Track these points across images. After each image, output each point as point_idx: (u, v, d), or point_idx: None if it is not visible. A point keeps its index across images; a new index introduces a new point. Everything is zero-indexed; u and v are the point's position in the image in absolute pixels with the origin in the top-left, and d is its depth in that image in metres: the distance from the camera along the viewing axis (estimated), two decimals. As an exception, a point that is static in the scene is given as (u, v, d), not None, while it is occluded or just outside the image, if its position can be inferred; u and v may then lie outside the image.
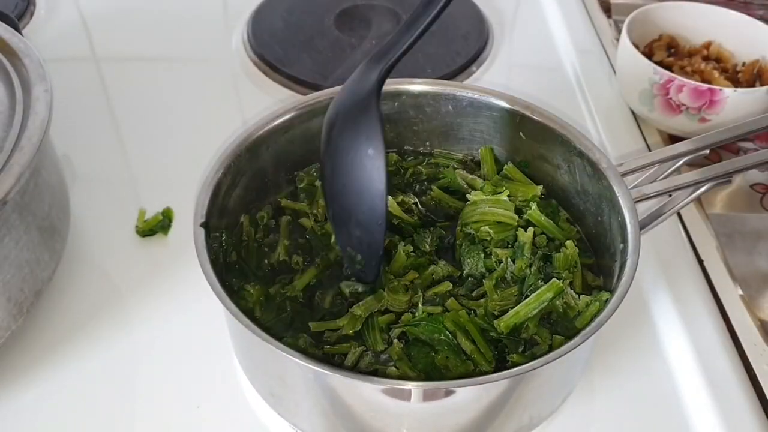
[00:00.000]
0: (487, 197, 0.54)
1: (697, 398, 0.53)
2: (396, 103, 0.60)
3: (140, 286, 0.60)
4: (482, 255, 0.52)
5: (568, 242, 0.52)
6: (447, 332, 0.47)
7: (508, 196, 0.54)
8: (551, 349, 0.47)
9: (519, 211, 0.54)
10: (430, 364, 0.46)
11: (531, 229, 0.53)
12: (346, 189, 0.48)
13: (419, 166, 0.61)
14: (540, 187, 0.56)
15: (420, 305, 0.49)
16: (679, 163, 0.55)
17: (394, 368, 0.46)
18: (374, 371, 0.46)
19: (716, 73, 0.72)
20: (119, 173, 0.71)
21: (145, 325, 0.58)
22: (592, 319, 0.47)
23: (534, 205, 0.55)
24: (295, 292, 0.51)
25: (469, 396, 0.42)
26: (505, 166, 0.58)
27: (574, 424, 0.52)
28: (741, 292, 0.60)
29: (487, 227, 0.52)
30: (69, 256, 0.61)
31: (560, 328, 0.49)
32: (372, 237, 0.48)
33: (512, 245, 0.53)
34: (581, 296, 0.50)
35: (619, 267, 0.49)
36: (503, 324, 0.47)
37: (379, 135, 0.46)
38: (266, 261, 0.53)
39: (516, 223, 0.53)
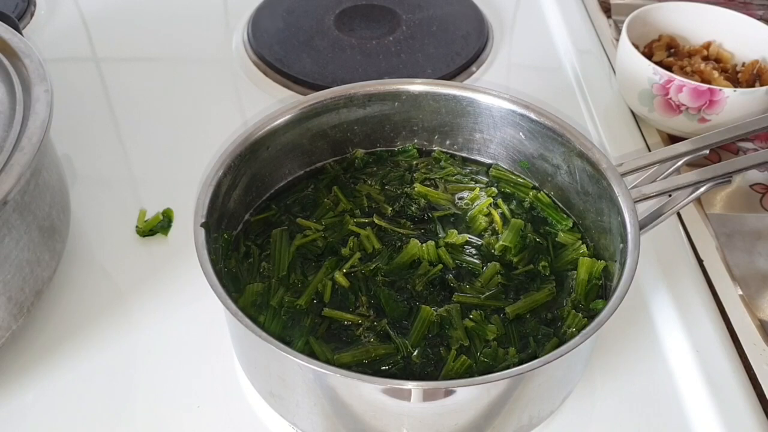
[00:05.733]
0: None
1: (696, 398, 0.53)
2: (396, 103, 0.60)
3: (140, 286, 0.60)
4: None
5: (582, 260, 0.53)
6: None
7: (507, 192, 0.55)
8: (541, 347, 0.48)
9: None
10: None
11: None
12: None
13: (414, 161, 0.61)
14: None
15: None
16: (679, 163, 0.55)
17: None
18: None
19: (716, 74, 0.72)
20: (119, 173, 0.71)
21: (145, 325, 0.58)
22: (591, 320, 0.47)
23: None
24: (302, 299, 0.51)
25: (469, 396, 0.42)
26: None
27: (574, 424, 0.52)
28: (741, 292, 0.60)
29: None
30: (69, 256, 0.61)
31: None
32: None
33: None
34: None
35: (619, 267, 0.49)
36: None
37: None
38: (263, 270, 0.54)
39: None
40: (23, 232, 0.51)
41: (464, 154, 0.62)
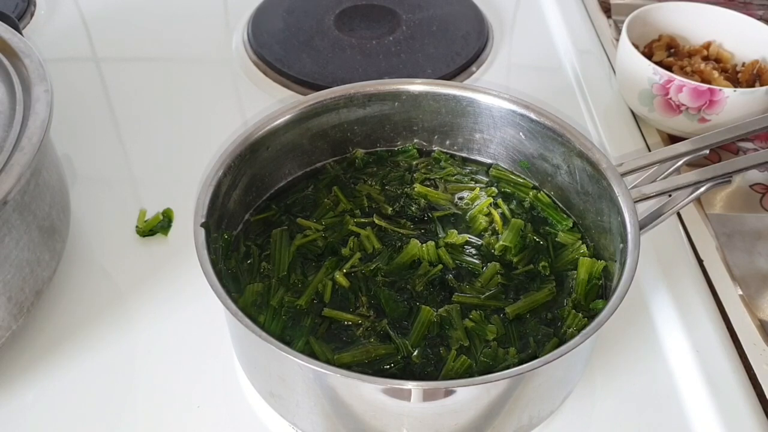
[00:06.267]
0: None
1: (696, 398, 0.53)
2: (396, 103, 0.60)
3: (140, 286, 0.60)
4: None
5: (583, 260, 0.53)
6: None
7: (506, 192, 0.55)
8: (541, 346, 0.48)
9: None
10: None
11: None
12: None
13: (414, 161, 0.61)
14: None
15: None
16: (679, 163, 0.55)
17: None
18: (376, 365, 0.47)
19: (716, 74, 0.72)
20: (119, 173, 0.71)
21: (145, 325, 0.58)
22: (591, 320, 0.47)
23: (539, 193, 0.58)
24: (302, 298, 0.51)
25: (469, 396, 0.43)
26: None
27: (574, 424, 0.52)
28: (741, 292, 0.60)
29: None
30: (69, 256, 0.61)
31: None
32: None
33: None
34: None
35: (618, 267, 0.49)
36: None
37: None
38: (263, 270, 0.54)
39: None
40: (23, 232, 0.51)
41: (464, 154, 0.62)
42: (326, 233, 0.55)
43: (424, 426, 0.44)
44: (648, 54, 0.76)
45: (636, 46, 0.73)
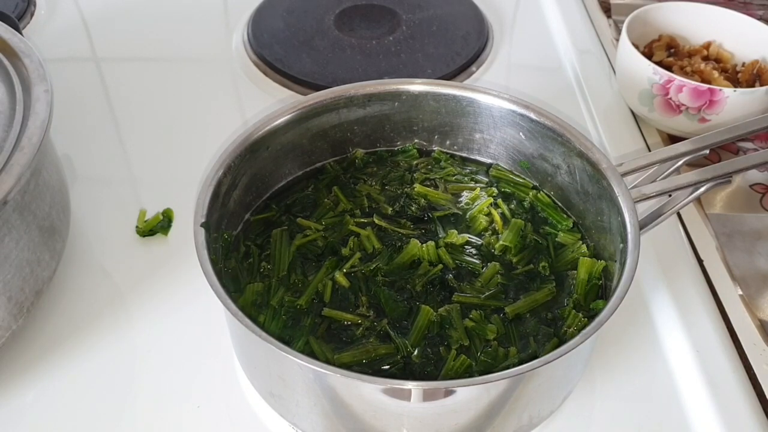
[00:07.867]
0: None
1: (696, 398, 0.53)
2: (396, 103, 0.60)
3: (140, 286, 0.60)
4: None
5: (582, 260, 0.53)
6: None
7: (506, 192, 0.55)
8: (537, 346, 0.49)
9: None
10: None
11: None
12: None
13: (414, 161, 0.61)
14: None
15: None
16: (679, 163, 0.55)
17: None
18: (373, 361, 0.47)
19: (716, 74, 0.72)
20: (119, 173, 0.71)
21: (145, 325, 0.58)
22: (591, 319, 0.47)
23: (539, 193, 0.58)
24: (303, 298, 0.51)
25: (469, 396, 0.42)
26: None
27: (574, 424, 0.52)
28: (741, 292, 0.60)
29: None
30: (69, 256, 0.61)
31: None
32: None
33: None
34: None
35: (619, 267, 0.49)
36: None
37: None
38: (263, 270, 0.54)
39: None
40: (23, 232, 0.51)
41: (464, 154, 0.63)
42: (326, 233, 0.55)
43: (424, 426, 0.44)
44: (648, 54, 0.76)
45: (636, 46, 0.73)
